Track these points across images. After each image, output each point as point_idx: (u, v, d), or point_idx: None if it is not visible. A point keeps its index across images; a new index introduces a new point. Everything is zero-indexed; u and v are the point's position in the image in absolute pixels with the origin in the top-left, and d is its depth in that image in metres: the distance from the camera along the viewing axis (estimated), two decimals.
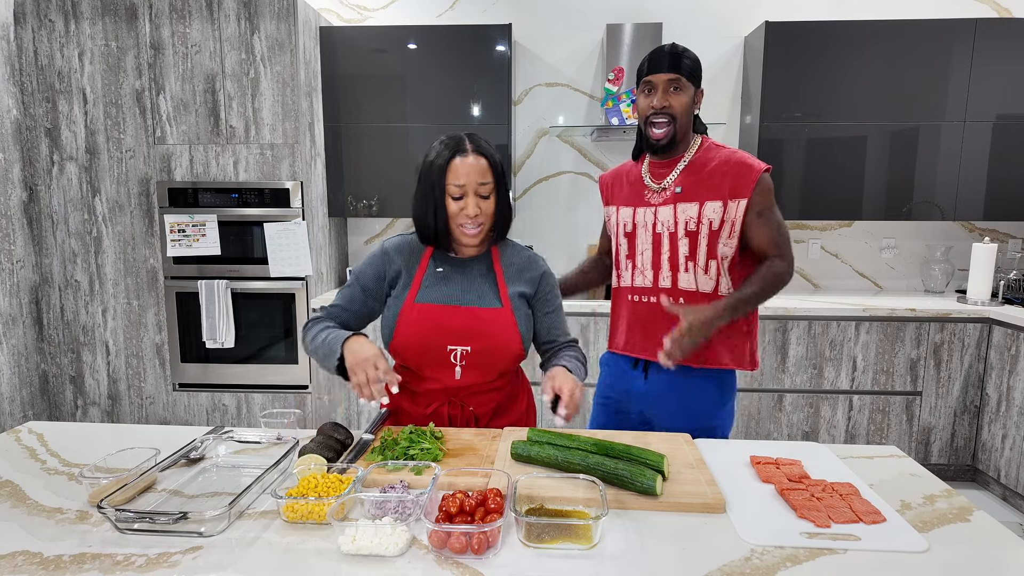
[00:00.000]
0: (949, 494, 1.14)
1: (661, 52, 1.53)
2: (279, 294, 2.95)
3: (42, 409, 3.04)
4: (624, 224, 1.67)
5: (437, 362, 1.38)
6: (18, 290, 2.88)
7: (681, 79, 1.52)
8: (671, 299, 1.58)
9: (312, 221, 2.96)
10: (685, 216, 1.57)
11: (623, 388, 1.72)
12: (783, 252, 1.55)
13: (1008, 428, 2.71)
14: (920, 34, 2.92)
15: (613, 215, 1.71)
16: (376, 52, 3.07)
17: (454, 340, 1.36)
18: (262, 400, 3.03)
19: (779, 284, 1.54)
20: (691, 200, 1.56)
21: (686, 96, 1.54)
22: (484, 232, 1.38)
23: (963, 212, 3.05)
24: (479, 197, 1.33)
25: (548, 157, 3.42)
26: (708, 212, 1.55)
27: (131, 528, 0.98)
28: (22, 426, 1.49)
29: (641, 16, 3.27)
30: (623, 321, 1.70)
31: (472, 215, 1.32)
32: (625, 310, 1.70)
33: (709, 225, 1.55)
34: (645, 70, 1.55)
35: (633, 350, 1.68)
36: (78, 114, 2.88)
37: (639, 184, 1.65)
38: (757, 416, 2.95)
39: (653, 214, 1.61)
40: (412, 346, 1.38)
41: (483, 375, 1.41)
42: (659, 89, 1.53)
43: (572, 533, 0.96)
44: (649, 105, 1.55)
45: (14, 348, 2.86)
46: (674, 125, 1.54)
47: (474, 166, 1.31)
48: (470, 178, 1.31)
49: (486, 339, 1.37)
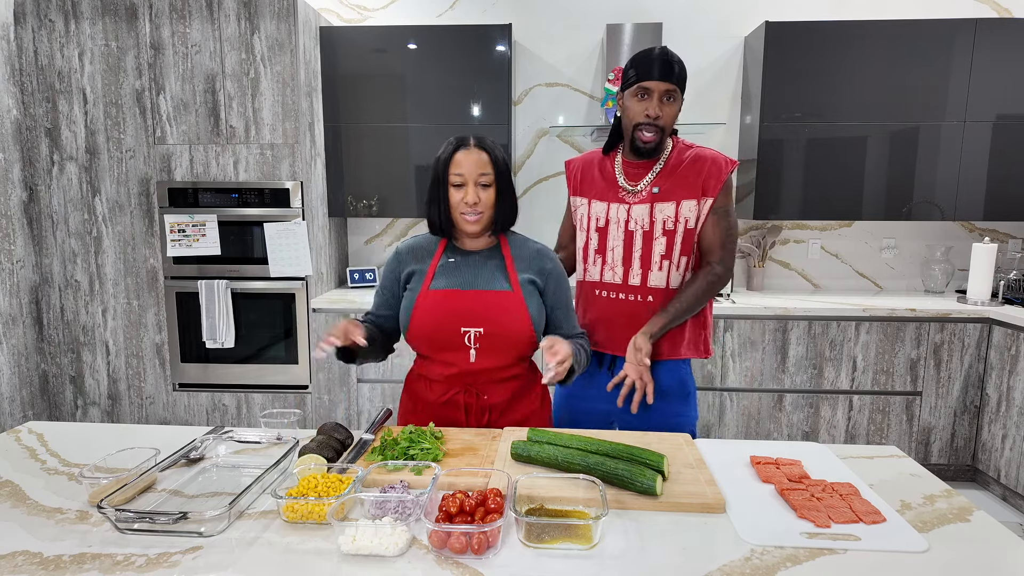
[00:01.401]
0: (949, 494, 1.14)
1: (657, 58, 1.51)
2: (279, 294, 2.95)
3: (42, 409, 3.04)
4: (597, 219, 1.66)
5: (451, 345, 1.43)
6: (18, 290, 2.88)
7: (676, 90, 1.53)
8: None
9: (312, 221, 2.96)
10: (663, 215, 1.58)
11: (587, 385, 1.69)
12: (725, 257, 1.61)
13: (1008, 428, 2.71)
14: (920, 34, 2.92)
15: (584, 207, 1.69)
16: (376, 52, 3.07)
17: (466, 322, 1.41)
18: (262, 400, 3.03)
19: (713, 292, 1.61)
20: (668, 199, 1.58)
21: (677, 106, 1.56)
22: (484, 221, 1.43)
23: (963, 212, 3.05)
24: (479, 187, 1.40)
25: (548, 157, 3.42)
26: (684, 211, 1.58)
27: (131, 528, 0.98)
28: (22, 426, 1.49)
29: (641, 16, 3.27)
30: (588, 315, 1.70)
31: (471, 203, 1.39)
32: (592, 303, 1.69)
33: (685, 223, 1.58)
34: (639, 75, 1.53)
35: (598, 345, 1.67)
36: (78, 114, 2.88)
37: (612, 181, 1.65)
38: (757, 416, 2.95)
39: (627, 212, 1.61)
40: (426, 330, 1.44)
41: (497, 358, 1.44)
42: (655, 98, 1.52)
43: (572, 533, 0.96)
44: (643, 112, 1.53)
45: (14, 348, 2.86)
46: (662, 134, 1.56)
47: (475, 158, 1.40)
48: (470, 168, 1.39)
49: (497, 321, 1.42)
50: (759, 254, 3.37)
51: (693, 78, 3.32)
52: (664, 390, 1.63)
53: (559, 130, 3.29)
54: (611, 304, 1.65)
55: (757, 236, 3.40)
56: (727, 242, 1.61)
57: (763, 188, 3.09)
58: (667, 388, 1.64)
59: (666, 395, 1.63)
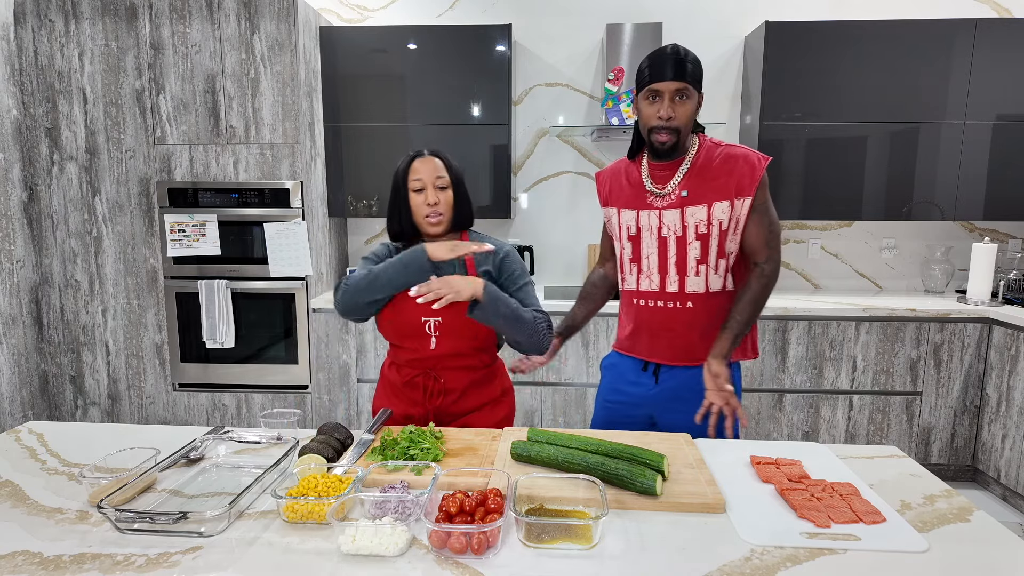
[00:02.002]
0: (949, 494, 1.14)
1: (666, 57, 1.48)
2: (279, 294, 2.95)
3: (42, 409, 3.04)
4: (628, 227, 1.65)
5: (413, 333, 1.55)
6: (18, 290, 2.88)
7: (688, 88, 1.48)
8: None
9: (312, 221, 2.96)
10: (695, 220, 1.55)
11: (631, 391, 1.69)
12: (772, 254, 1.56)
13: (1008, 428, 2.71)
14: (920, 34, 2.92)
15: (614, 217, 1.69)
16: (376, 52, 3.07)
17: (427, 312, 1.51)
18: (262, 400, 3.03)
19: (768, 293, 1.57)
20: (699, 203, 1.54)
21: (692, 104, 1.50)
22: (446, 222, 1.57)
23: (963, 212, 3.05)
24: (437, 189, 1.55)
25: (548, 157, 3.42)
26: (717, 213, 1.53)
27: (131, 528, 0.98)
28: (22, 426, 1.49)
29: (641, 16, 3.27)
30: (630, 323, 1.69)
31: (431, 203, 1.53)
32: (632, 312, 1.68)
33: (719, 226, 1.54)
34: (649, 76, 1.50)
35: (641, 353, 1.67)
36: (78, 114, 2.88)
37: (640, 186, 1.62)
38: (757, 416, 2.95)
39: (658, 217, 1.58)
40: (393, 320, 1.56)
41: (456, 345, 1.55)
42: (665, 99, 1.48)
43: (572, 533, 0.96)
44: (655, 115, 1.50)
45: (14, 348, 2.86)
46: (678, 135, 1.51)
47: (431, 164, 1.56)
48: (428, 174, 1.54)
49: (455, 310, 1.49)
50: None
51: None
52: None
53: (559, 130, 3.29)
54: (651, 312, 1.63)
55: None
56: (771, 239, 1.56)
57: None
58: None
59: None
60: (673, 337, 1.60)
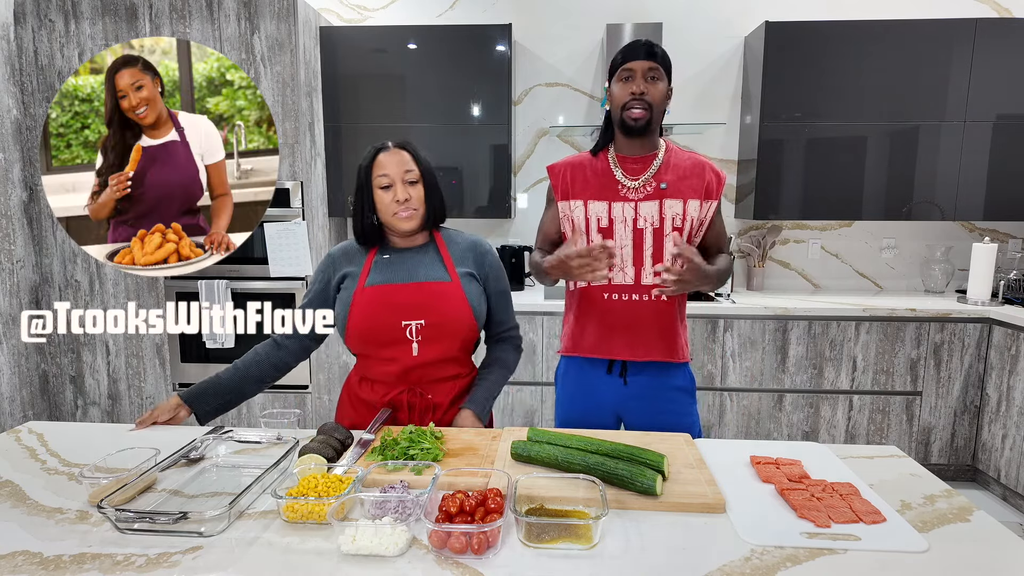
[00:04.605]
0: (949, 494, 1.14)
1: (638, 43, 1.55)
2: (279, 294, 2.95)
3: (42, 409, 3.04)
4: (598, 219, 1.61)
5: (393, 339, 1.42)
6: (18, 290, 2.88)
7: (659, 68, 1.54)
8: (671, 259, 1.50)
9: (312, 221, 2.96)
10: (672, 212, 1.58)
11: (597, 396, 1.67)
12: (727, 249, 1.73)
13: (1008, 428, 2.71)
14: (920, 34, 2.92)
15: (579, 209, 1.63)
16: (376, 52, 3.07)
17: (407, 315, 1.41)
18: (262, 400, 3.03)
19: (729, 272, 1.70)
20: (676, 197, 1.58)
21: (663, 85, 1.55)
22: (419, 219, 1.45)
23: (963, 212, 3.05)
24: (407, 184, 1.42)
25: (548, 157, 3.42)
26: (691, 210, 1.59)
27: (131, 528, 0.98)
28: (22, 426, 1.49)
29: (641, 16, 3.27)
30: (593, 322, 1.64)
31: (401, 199, 1.40)
32: (597, 310, 1.64)
33: (692, 222, 1.59)
34: (622, 59, 1.55)
35: (610, 352, 1.63)
36: None
37: (609, 177, 1.61)
38: (757, 416, 2.95)
39: (634, 209, 1.58)
40: (367, 327, 1.42)
41: (440, 349, 1.44)
42: (638, 75, 1.53)
43: (572, 533, 0.96)
44: (628, 92, 1.54)
45: (14, 348, 2.86)
46: (651, 111, 1.55)
47: (397, 158, 1.42)
48: (395, 169, 1.41)
49: (438, 311, 1.42)
50: (759, 254, 3.37)
51: (693, 78, 3.34)
52: (682, 388, 1.65)
53: (559, 130, 3.29)
54: (623, 307, 1.61)
55: (757, 236, 3.40)
56: (725, 236, 1.72)
57: (763, 188, 3.09)
58: (683, 387, 1.65)
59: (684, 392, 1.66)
60: (645, 331, 1.60)
